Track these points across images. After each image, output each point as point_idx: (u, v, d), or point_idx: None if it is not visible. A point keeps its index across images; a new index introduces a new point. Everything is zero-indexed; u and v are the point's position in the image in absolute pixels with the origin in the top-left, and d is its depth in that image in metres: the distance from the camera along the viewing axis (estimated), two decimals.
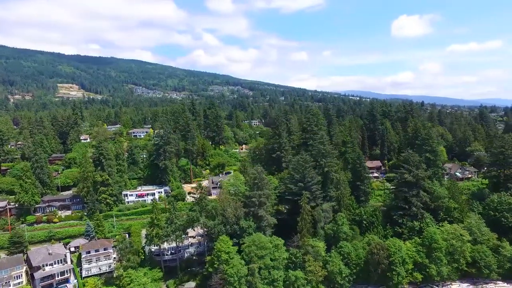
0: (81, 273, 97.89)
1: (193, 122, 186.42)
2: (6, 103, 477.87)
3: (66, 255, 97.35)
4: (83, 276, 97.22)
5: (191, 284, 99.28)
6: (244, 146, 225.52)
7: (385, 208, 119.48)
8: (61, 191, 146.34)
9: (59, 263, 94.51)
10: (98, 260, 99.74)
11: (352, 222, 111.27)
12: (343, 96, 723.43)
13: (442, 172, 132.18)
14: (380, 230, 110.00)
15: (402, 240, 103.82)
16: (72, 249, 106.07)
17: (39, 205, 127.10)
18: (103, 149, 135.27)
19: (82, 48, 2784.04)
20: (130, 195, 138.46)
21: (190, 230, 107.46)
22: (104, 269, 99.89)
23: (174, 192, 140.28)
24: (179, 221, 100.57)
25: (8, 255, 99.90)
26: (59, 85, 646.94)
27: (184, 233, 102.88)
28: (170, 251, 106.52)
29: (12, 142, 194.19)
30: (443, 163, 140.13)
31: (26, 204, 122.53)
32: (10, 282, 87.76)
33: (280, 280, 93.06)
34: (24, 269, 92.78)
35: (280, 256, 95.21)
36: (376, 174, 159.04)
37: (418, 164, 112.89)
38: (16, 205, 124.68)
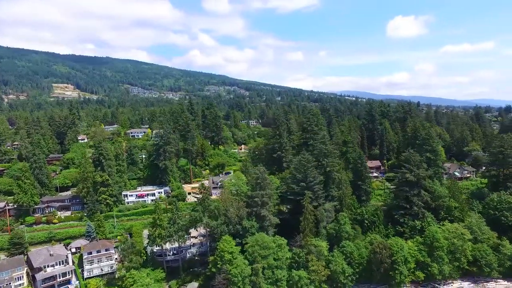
0: (82, 274, 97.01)
1: (192, 122, 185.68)
2: (1, 103, 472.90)
3: (67, 256, 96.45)
4: (85, 277, 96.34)
5: (193, 285, 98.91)
6: (243, 146, 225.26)
7: (386, 208, 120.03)
8: (59, 192, 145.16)
9: (60, 264, 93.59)
10: (100, 261, 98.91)
11: (354, 221, 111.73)
12: (339, 97, 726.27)
13: (442, 172, 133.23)
14: (381, 230, 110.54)
15: (404, 239, 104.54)
16: (73, 250, 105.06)
17: (38, 205, 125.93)
18: (103, 149, 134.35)
19: (77, 47, 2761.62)
20: (130, 196, 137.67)
21: (192, 230, 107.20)
22: (106, 270, 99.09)
23: (174, 192, 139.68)
24: (182, 221, 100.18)
25: (8, 256, 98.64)
26: (54, 85, 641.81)
27: (187, 233, 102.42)
28: (172, 252, 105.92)
29: (8, 142, 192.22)
30: (443, 162, 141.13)
31: (25, 205, 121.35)
32: (11, 283, 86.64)
33: (284, 279, 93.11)
34: (25, 270, 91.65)
35: (283, 256, 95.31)
36: (375, 174, 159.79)
37: (419, 164, 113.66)
38: (15, 206, 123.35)
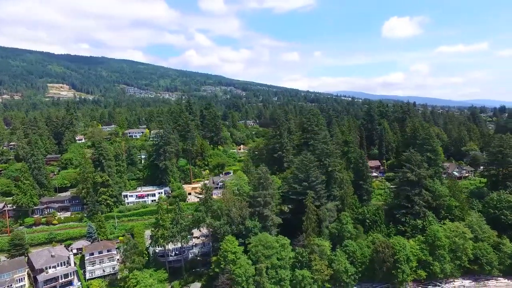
0: (84, 275, 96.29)
1: (191, 122, 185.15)
2: None
3: (69, 257, 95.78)
4: (87, 278, 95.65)
5: (196, 285, 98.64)
6: (242, 146, 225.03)
7: (387, 207, 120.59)
8: (58, 193, 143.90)
9: (62, 265, 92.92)
10: (102, 262, 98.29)
11: (356, 221, 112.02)
12: (335, 97, 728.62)
13: (442, 171, 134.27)
14: (383, 229, 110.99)
15: (406, 238, 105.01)
16: (74, 251, 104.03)
17: (37, 206, 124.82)
18: (103, 149, 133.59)
19: (72, 47, 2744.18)
20: (130, 196, 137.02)
21: (194, 231, 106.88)
22: (108, 271, 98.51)
23: (175, 193, 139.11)
24: (185, 221, 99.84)
25: (8, 258, 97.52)
26: (49, 85, 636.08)
27: (190, 233, 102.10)
28: (174, 252, 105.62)
29: (4, 142, 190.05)
30: (442, 162, 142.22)
31: (24, 205, 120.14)
32: (13, 285, 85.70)
33: (287, 279, 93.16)
34: (26, 272, 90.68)
35: (286, 255, 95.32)
36: (375, 174, 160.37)
37: (420, 163, 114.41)
38: (14, 207, 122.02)
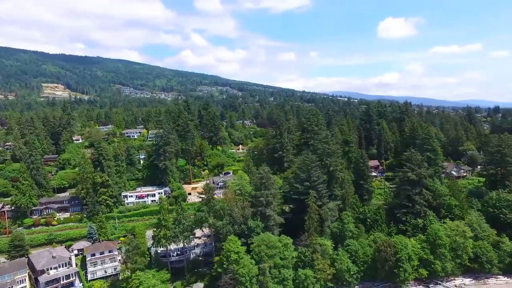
0: (86, 276, 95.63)
1: (191, 122, 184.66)
2: None
3: (70, 258, 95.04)
4: (88, 279, 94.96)
5: (199, 285, 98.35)
6: (240, 146, 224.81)
7: (387, 207, 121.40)
8: (56, 193, 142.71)
9: (63, 266, 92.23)
10: (103, 262, 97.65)
11: (357, 220, 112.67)
12: (331, 97, 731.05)
13: (441, 171, 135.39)
14: (384, 228, 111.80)
15: (407, 237, 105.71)
16: (75, 252, 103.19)
17: (36, 207, 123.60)
18: (103, 149, 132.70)
19: (67, 47, 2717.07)
20: (130, 196, 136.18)
21: (196, 231, 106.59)
22: (110, 271, 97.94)
23: (175, 193, 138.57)
24: (187, 221, 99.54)
25: (8, 259, 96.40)
26: (44, 84, 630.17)
27: (192, 233, 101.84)
28: (176, 252, 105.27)
29: (0, 142, 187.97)
30: (441, 162, 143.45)
31: (23, 206, 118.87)
32: (14, 286, 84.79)
33: (290, 279, 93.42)
34: (27, 273, 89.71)
35: (289, 255, 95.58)
36: (374, 174, 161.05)
37: (420, 163, 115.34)
38: (12, 207, 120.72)
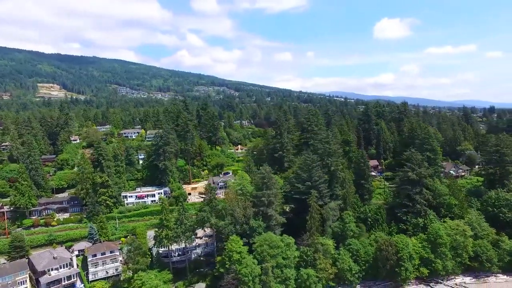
0: (87, 277, 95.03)
1: (190, 122, 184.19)
2: None
3: (71, 258, 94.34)
4: (90, 280, 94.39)
5: (201, 285, 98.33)
6: (239, 146, 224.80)
7: (387, 206, 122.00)
8: (55, 194, 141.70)
9: (65, 267, 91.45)
10: (105, 263, 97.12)
11: (358, 220, 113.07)
12: (328, 97, 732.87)
13: (441, 170, 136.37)
14: (385, 227, 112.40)
15: (407, 237, 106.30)
16: (76, 252, 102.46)
17: (35, 208, 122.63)
18: (102, 149, 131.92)
19: (62, 47, 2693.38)
20: (129, 197, 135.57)
21: (197, 231, 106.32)
22: (111, 272, 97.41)
23: (175, 193, 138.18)
24: (189, 221, 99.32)
25: (8, 260, 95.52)
26: (39, 84, 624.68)
27: (194, 234, 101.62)
28: (177, 253, 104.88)
29: None
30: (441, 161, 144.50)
31: (22, 207, 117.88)
32: None
33: (292, 278, 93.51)
34: (28, 274, 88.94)
35: (291, 254, 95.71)
36: (373, 173, 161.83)
37: (420, 163, 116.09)
38: (11, 208, 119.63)
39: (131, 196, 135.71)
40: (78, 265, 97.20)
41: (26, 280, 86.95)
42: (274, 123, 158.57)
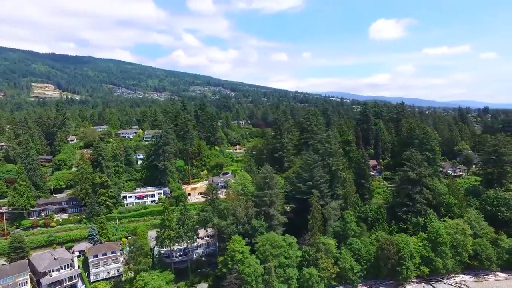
0: (89, 277, 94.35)
1: (189, 122, 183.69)
2: None
3: (73, 259, 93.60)
4: (91, 281, 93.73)
5: (202, 286, 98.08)
6: (237, 146, 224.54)
7: (387, 205, 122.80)
8: (53, 194, 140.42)
9: (66, 268, 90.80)
10: (106, 264, 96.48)
11: (358, 219, 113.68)
12: (324, 97, 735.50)
13: (440, 170, 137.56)
14: (385, 227, 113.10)
15: (408, 236, 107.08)
16: (76, 253, 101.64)
17: (34, 208, 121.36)
18: (102, 149, 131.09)
19: (56, 46, 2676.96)
20: (129, 197, 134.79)
21: (198, 231, 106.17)
22: (113, 273, 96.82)
23: (175, 193, 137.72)
24: (191, 222, 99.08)
25: (8, 261, 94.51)
26: (34, 84, 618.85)
27: (196, 234, 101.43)
28: (179, 253, 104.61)
29: None
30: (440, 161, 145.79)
31: (20, 207, 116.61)
32: None
33: (294, 278, 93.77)
34: (28, 275, 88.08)
35: (294, 254, 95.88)
36: (372, 173, 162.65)
37: (420, 162, 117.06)
38: (9, 209, 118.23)
39: (131, 197, 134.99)
40: (79, 266, 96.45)
41: (27, 281, 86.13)
42: (272, 123, 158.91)
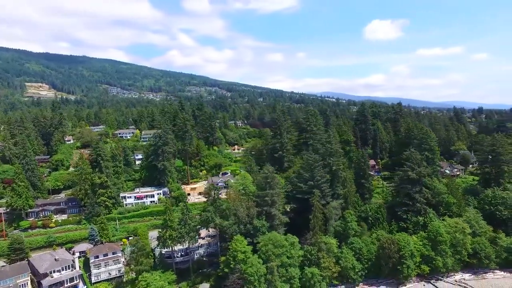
0: (90, 278, 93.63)
1: (188, 122, 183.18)
2: None
3: (74, 260, 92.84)
4: (92, 282, 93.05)
5: (204, 286, 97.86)
6: (236, 146, 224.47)
7: (387, 205, 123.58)
8: (51, 195, 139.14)
9: (67, 269, 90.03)
10: (107, 264, 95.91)
11: (359, 218, 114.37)
12: (320, 98, 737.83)
13: (438, 170, 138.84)
14: (385, 226, 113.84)
15: (408, 235, 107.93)
16: (77, 254, 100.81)
17: (32, 209, 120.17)
18: (101, 150, 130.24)
19: (50, 46, 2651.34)
20: (128, 197, 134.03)
21: (200, 231, 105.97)
22: (114, 273, 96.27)
23: (175, 194, 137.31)
24: (193, 222, 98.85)
25: (8, 262, 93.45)
26: (28, 84, 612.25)
27: (198, 234, 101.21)
28: (180, 253, 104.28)
29: None
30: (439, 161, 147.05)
31: (19, 208, 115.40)
32: None
33: (297, 277, 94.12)
34: (29, 276, 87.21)
35: (296, 253, 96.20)
36: (371, 173, 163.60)
37: (419, 162, 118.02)
38: (8, 209, 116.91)
39: (130, 197, 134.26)
40: (80, 267, 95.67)
41: (27, 282, 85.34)
42: (269, 124, 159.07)
